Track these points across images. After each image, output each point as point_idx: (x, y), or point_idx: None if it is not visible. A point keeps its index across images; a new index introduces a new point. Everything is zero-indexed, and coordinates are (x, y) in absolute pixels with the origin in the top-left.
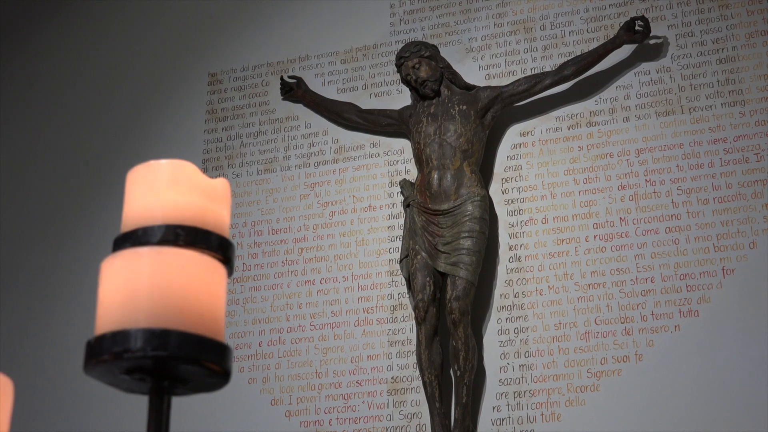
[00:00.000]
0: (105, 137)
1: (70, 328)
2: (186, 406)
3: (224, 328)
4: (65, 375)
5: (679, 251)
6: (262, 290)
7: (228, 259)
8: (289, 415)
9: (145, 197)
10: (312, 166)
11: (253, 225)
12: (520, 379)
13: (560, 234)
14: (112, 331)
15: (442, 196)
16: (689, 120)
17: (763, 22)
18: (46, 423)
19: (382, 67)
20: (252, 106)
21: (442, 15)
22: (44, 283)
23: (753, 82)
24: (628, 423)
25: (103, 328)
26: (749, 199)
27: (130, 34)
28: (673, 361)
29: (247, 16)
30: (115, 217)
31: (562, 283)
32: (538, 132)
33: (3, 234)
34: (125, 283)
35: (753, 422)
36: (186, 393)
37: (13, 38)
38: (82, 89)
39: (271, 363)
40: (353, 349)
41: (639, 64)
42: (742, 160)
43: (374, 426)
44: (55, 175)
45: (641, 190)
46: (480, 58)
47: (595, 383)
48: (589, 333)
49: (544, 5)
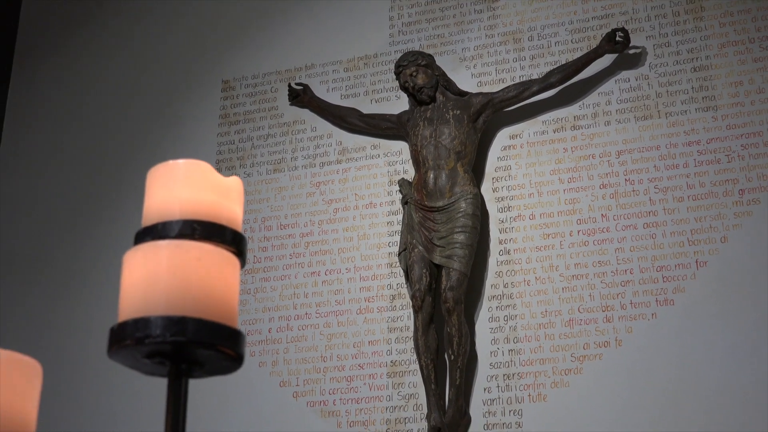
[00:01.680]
0: (127, 139)
1: (94, 316)
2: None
3: (237, 316)
4: (90, 359)
5: (656, 245)
6: (271, 281)
7: (240, 251)
8: (296, 395)
9: (163, 194)
10: (317, 166)
11: (264, 221)
12: (509, 362)
13: (546, 229)
14: (133, 318)
15: (437, 194)
16: (666, 124)
17: (734, 33)
18: (73, 404)
19: (382, 75)
20: (262, 111)
21: (437, 27)
22: (71, 273)
23: (725, 89)
24: (608, 403)
25: (126, 316)
26: (721, 197)
27: (149, 44)
28: (650, 346)
29: (258, 27)
30: (136, 213)
31: (548, 275)
32: (526, 135)
33: (33, 228)
34: (146, 273)
35: (724, 402)
36: (202, 376)
37: (44, 47)
38: (106, 95)
39: (279, 348)
40: (355, 335)
41: (619, 72)
42: (715, 161)
43: (375, 406)
44: (81, 174)
45: (621, 189)
46: (472, 67)
47: (579, 366)
48: (572, 320)
49: (532, 18)
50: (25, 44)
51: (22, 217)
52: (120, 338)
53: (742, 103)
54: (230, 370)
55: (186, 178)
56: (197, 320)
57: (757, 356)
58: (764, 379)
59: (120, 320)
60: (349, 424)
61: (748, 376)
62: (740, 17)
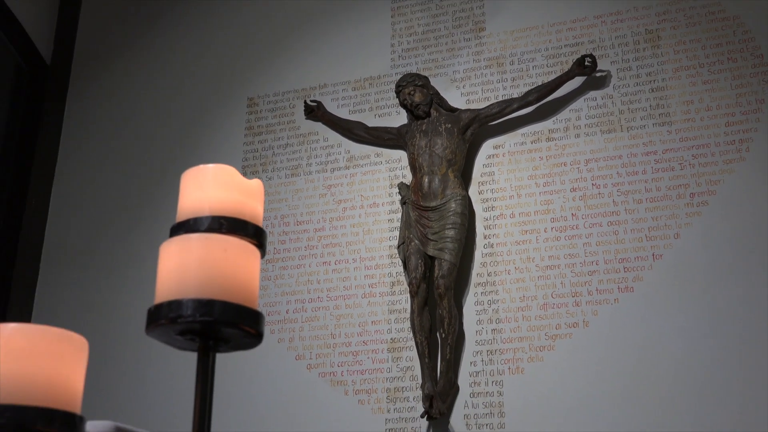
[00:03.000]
0: (165, 146)
1: (134, 299)
2: (227, 361)
3: (258, 299)
4: (131, 336)
5: (618, 240)
6: (288, 269)
7: (261, 244)
8: (309, 367)
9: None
10: (328, 171)
11: (282, 218)
12: (491, 340)
13: (524, 226)
14: (168, 301)
15: (431, 196)
16: (627, 137)
17: (686, 59)
18: (114, 375)
19: (385, 93)
20: (281, 124)
21: (432, 53)
22: (115, 262)
23: (678, 107)
24: (577, 375)
25: (161, 299)
26: (674, 199)
27: (186, 66)
28: (613, 326)
29: (278, 53)
30: (171, 210)
31: (526, 265)
32: (507, 145)
33: (84, 223)
34: (179, 262)
35: (676, 374)
36: (227, 351)
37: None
38: (149, 109)
39: (295, 327)
40: (360, 316)
41: (587, 92)
42: (669, 169)
43: (376, 377)
44: (125, 176)
45: (588, 192)
46: (462, 87)
47: (551, 344)
48: (546, 304)
49: (513, 45)
50: (82, 64)
51: (75, 213)
52: (156, 318)
53: (693, 119)
54: (252, 346)
55: (215, 180)
56: (223, 303)
57: (704, 335)
58: (708, 354)
59: (156, 302)
60: (355, 392)
61: (696, 353)
62: (691, 45)
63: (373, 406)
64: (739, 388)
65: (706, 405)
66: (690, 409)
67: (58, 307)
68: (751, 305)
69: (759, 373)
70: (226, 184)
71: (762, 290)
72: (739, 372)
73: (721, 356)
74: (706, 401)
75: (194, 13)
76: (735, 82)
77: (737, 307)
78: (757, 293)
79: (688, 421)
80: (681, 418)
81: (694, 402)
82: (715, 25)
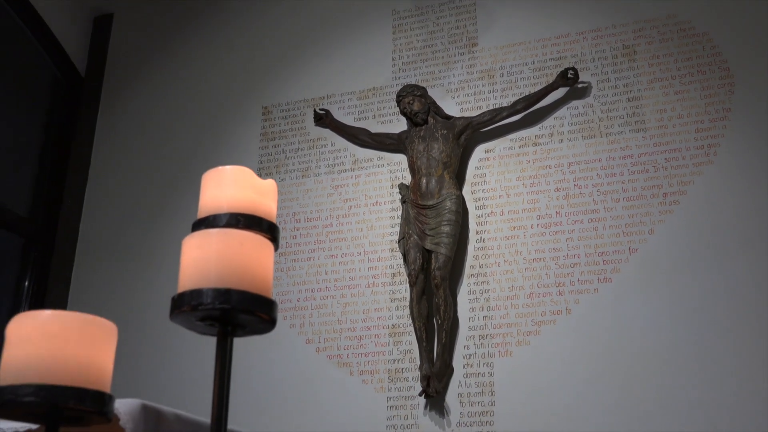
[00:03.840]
0: (187, 150)
1: (159, 288)
2: (244, 345)
3: (272, 288)
4: (156, 322)
5: (598, 236)
6: (299, 261)
7: (275, 238)
8: (318, 350)
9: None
10: (335, 173)
11: (294, 215)
12: (483, 326)
13: (513, 223)
14: (190, 290)
15: (428, 195)
16: (606, 142)
17: (659, 72)
18: (141, 358)
19: (386, 102)
20: (293, 130)
21: (429, 66)
22: (142, 255)
23: (652, 115)
24: (560, 358)
25: (183, 288)
26: (648, 198)
27: (206, 78)
28: (592, 314)
29: (290, 66)
30: (193, 207)
31: (514, 258)
32: (497, 149)
33: (114, 220)
34: (200, 255)
35: (648, 356)
36: (244, 335)
37: (128, 77)
38: (173, 116)
39: (306, 314)
40: (364, 304)
41: (570, 101)
42: (644, 171)
43: (378, 359)
44: (152, 177)
45: (571, 192)
46: (456, 97)
47: (537, 329)
48: (533, 293)
49: (503, 59)
50: (112, 76)
51: (106, 211)
52: (179, 305)
53: (666, 126)
54: (266, 331)
55: (232, 181)
56: (240, 292)
57: (674, 322)
58: (677, 338)
59: (179, 291)
60: (359, 373)
61: (667, 337)
62: (664, 59)
63: (376, 385)
64: (701, 366)
65: (672, 381)
66: (658, 384)
67: (91, 295)
68: (716, 294)
69: (720, 355)
70: (242, 184)
71: (727, 281)
72: (703, 353)
73: (689, 340)
74: (672, 378)
75: (213, 31)
76: (704, 92)
77: (705, 296)
78: (722, 283)
79: (655, 395)
80: (650, 392)
81: (661, 379)
82: (686, 41)
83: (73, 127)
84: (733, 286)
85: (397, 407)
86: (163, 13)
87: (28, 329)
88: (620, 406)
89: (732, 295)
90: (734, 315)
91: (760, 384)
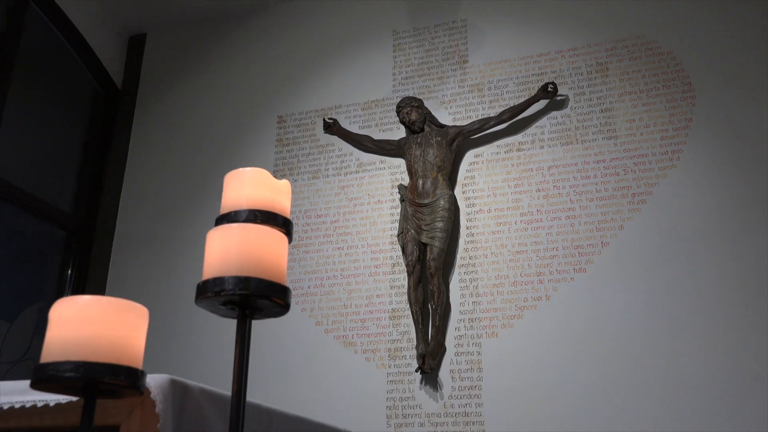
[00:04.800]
0: (211, 155)
1: (186, 276)
2: (261, 327)
3: (286, 276)
4: (182, 306)
5: (574, 231)
6: (310, 253)
7: (289, 232)
8: (326, 331)
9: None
10: (342, 175)
11: (305, 212)
12: (472, 310)
13: (499, 219)
14: (213, 278)
15: (424, 195)
16: (581, 148)
17: (629, 86)
18: (170, 338)
19: (387, 113)
20: (305, 137)
21: (425, 80)
22: (171, 246)
23: (622, 125)
24: (540, 339)
25: (208, 276)
26: (619, 198)
27: (228, 91)
28: (569, 300)
29: (302, 79)
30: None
31: (500, 251)
32: (485, 154)
33: (147, 215)
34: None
35: (619, 338)
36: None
37: (158, 91)
38: (198, 124)
39: (315, 299)
40: (367, 290)
41: (550, 112)
42: (615, 174)
43: (380, 339)
44: (180, 178)
45: (551, 192)
46: (449, 108)
47: (520, 313)
48: (516, 282)
49: (490, 75)
50: (146, 89)
51: (140, 207)
52: (203, 291)
53: (634, 134)
54: (281, 314)
55: (251, 181)
56: (257, 279)
57: (641, 308)
58: (644, 322)
59: (203, 279)
60: (362, 351)
61: (634, 321)
62: (633, 75)
63: (377, 362)
64: (664, 344)
65: (638, 357)
66: (625, 361)
67: (126, 282)
68: (678, 283)
69: (680, 334)
70: (260, 184)
71: (687, 271)
72: (667, 336)
73: (653, 322)
74: (638, 355)
75: (235, 50)
76: (668, 104)
77: (668, 284)
78: (683, 273)
79: (623, 370)
80: (618, 368)
81: (628, 356)
82: (653, 58)
83: (110, 134)
84: (692, 276)
85: (395, 382)
86: (190, 34)
87: (69, 312)
88: (593, 380)
89: (691, 284)
90: (693, 300)
91: (719, 359)
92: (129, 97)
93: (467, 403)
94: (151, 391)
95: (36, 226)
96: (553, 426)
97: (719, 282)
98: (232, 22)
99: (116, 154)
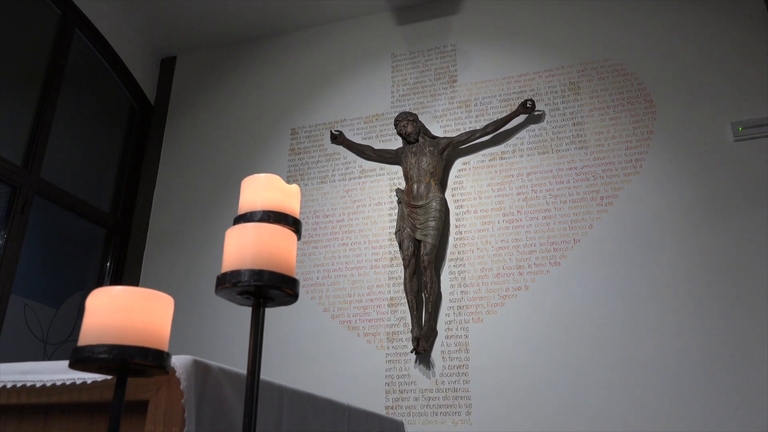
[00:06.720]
0: (231, 163)
1: (208, 268)
2: (274, 314)
3: (295, 269)
4: (204, 295)
5: (549, 229)
6: (318, 248)
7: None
8: (333, 317)
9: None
10: (347, 180)
11: (314, 213)
12: (460, 299)
13: (484, 219)
14: (231, 270)
15: (419, 198)
16: (556, 157)
17: (598, 103)
18: (192, 324)
19: (386, 126)
20: (314, 147)
21: (420, 97)
22: (196, 243)
23: (592, 137)
24: (520, 324)
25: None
26: (589, 201)
27: (247, 106)
28: (546, 290)
29: (312, 96)
30: (234, 206)
31: (485, 246)
32: (472, 162)
33: (175, 216)
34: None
35: (588, 326)
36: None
37: (186, 106)
38: (220, 135)
39: (323, 289)
40: (368, 281)
41: (528, 125)
42: (585, 180)
43: (379, 324)
44: (204, 183)
45: (529, 195)
46: (441, 121)
47: (502, 302)
48: (499, 274)
49: (477, 93)
50: (176, 104)
51: (169, 209)
52: (222, 282)
53: (603, 145)
54: (291, 303)
55: (265, 185)
56: (270, 272)
57: (608, 297)
58: (610, 310)
59: (222, 271)
60: (364, 335)
61: (602, 309)
62: (601, 93)
63: (377, 344)
64: (627, 328)
65: (604, 340)
66: (593, 343)
67: (157, 273)
68: (640, 275)
69: (641, 320)
70: (273, 187)
71: (649, 265)
72: (628, 320)
73: (618, 309)
74: (604, 338)
75: (253, 70)
76: (632, 119)
77: (631, 277)
78: (645, 267)
79: (591, 350)
80: (587, 349)
81: (596, 339)
82: (619, 78)
83: (144, 144)
84: (652, 270)
85: (393, 361)
86: (215, 57)
87: (103, 301)
88: (565, 359)
89: (652, 276)
90: (653, 291)
91: (669, 341)
92: (160, 112)
93: (456, 380)
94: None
95: (79, 224)
96: (530, 397)
97: (674, 274)
98: (251, 47)
99: (149, 162)
